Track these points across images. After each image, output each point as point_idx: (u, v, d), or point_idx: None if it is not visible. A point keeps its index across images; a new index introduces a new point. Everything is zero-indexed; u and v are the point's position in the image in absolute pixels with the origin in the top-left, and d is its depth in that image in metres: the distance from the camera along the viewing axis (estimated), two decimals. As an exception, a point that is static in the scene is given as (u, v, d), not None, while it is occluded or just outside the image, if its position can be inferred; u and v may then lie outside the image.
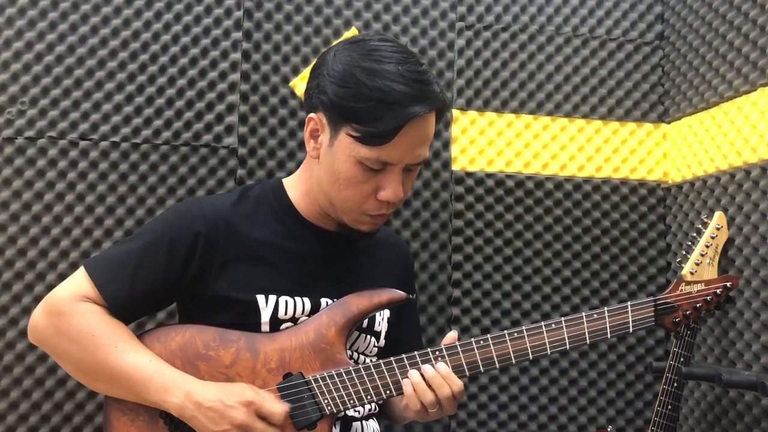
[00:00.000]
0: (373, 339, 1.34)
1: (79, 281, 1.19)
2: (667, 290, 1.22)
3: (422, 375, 1.15)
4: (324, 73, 1.18)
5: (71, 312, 1.16)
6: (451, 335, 1.19)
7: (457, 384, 1.15)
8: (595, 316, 1.17)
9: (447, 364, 1.16)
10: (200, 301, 1.24)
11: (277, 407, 1.13)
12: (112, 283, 1.19)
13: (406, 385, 1.16)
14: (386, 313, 1.37)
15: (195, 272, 1.22)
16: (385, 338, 1.38)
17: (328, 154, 1.19)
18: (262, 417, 1.12)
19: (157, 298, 1.25)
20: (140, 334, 1.22)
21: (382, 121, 1.12)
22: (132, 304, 1.21)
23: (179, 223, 1.23)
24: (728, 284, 1.23)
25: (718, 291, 1.22)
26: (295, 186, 1.33)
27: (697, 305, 1.21)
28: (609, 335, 1.17)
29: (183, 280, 1.22)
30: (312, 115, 1.21)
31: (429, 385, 1.15)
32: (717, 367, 1.60)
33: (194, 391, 1.12)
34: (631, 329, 1.18)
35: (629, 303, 1.18)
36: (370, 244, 1.39)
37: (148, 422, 1.18)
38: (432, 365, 1.16)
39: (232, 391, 1.12)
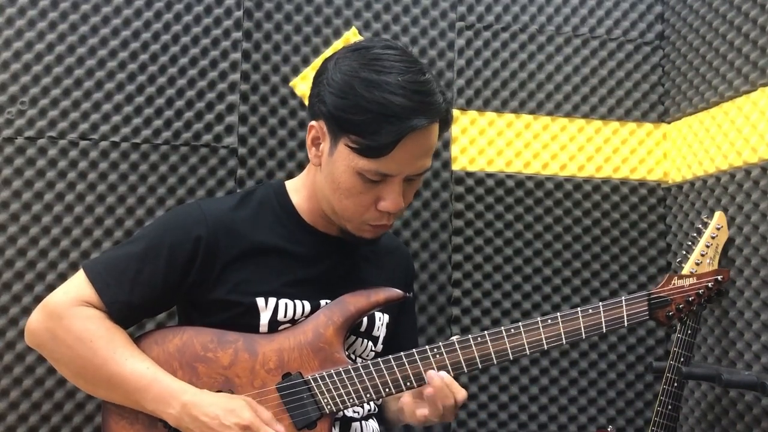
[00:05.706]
0: (371, 343, 1.33)
1: (79, 285, 1.19)
2: (660, 284, 1.23)
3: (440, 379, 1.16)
4: (324, 82, 1.17)
5: (70, 316, 1.16)
6: None
7: (461, 392, 1.17)
8: (590, 311, 1.19)
9: (448, 365, 1.17)
10: (200, 304, 1.24)
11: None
12: (113, 288, 1.18)
13: (433, 378, 1.16)
14: (385, 318, 1.36)
15: (195, 277, 1.21)
16: (384, 343, 1.37)
17: (329, 163, 1.18)
18: None
19: (157, 302, 1.24)
20: (138, 337, 1.22)
21: (381, 134, 1.10)
22: (132, 309, 1.20)
23: (180, 228, 1.23)
24: (719, 278, 1.25)
25: (710, 284, 1.23)
26: (298, 190, 1.32)
27: (690, 299, 1.22)
28: (604, 330, 1.19)
29: (183, 284, 1.21)
30: (313, 123, 1.20)
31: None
32: (717, 367, 1.60)
33: (191, 403, 1.11)
34: (625, 323, 1.19)
35: (623, 297, 1.20)
36: (371, 249, 1.38)
37: (147, 426, 1.17)
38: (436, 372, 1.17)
39: (230, 409, 1.11)
